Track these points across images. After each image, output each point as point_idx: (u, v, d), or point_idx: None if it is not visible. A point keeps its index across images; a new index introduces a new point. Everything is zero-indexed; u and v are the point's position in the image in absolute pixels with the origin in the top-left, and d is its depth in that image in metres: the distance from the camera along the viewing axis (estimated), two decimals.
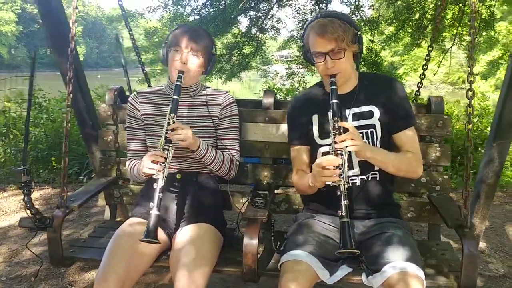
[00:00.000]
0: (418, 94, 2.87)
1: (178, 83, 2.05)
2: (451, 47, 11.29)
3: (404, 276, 1.68)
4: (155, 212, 1.88)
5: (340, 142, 1.78)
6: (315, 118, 2.09)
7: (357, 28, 1.95)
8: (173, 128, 1.96)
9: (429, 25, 11.05)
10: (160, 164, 1.94)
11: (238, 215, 2.29)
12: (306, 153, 2.14)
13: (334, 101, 1.88)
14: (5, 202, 4.64)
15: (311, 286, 1.81)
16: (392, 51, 21.42)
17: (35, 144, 5.77)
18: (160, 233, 2.01)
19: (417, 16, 11.10)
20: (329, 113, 1.95)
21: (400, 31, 10.72)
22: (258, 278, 1.97)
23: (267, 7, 11.02)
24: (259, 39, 11.36)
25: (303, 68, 12.15)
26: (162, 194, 1.93)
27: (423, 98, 3.33)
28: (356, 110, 2.03)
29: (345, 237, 1.75)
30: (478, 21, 10.51)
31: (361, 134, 1.96)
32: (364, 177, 2.03)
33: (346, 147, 1.79)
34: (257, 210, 2.02)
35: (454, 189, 4.39)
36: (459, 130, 5.87)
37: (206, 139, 2.19)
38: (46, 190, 5.00)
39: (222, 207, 2.35)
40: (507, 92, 2.65)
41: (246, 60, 11.13)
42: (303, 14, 11.49)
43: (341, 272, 1.88)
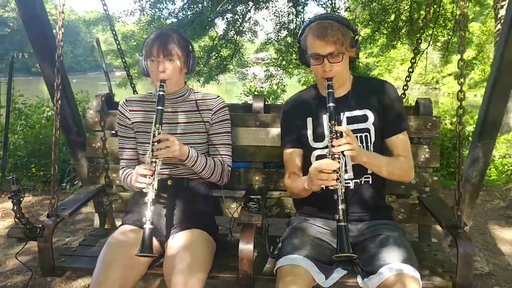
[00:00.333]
0: (404, 97, 2.89)
1: (161, 93, 2.03)
2: (427, 48, 11.48)
3: (401, 278, 1.69)
4: (149, 226, 1.86)
5: (338, 146, 1.78)
6: (309, 121, 2.08)
7: (355, 32, 1.96)
8: (159, 140, 1.94)
9: (405, 27, 11.24)
10: (149, 177, 1.91)
11: (231, 220, 2.26)
12: (299, 157, 2.13)
13: (331, 105, 1.88)
14: None
15: None
16: (367, 53, 21.66)
17: (14, 151, 5.63)
18: (153, 241, 1.98)
19: (393, 18, 11.27)
20: (324, 116, 1.96)
21: (376, 33, 10.84)
22: (254, 283, 1.96)
23: (244, 10, 11.02)
24: (237, 42, 11.35)
25: (281, 70, 12.20)
26: (154, 207, 1.90)
27: (408, 100, 3.36)
28: (350, 114, 2.04)
29: (343, 241, 1.75)
30: (453, 22, 10.75)
31: (352, 134, 1.97)
32: (358, 181, 2.03)
33: (344, 151, 1.79)
34: (251, 215, 2.01)
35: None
36: (439, 130, 5.95)
37: (198, 145, 2.17)
38: (27, 198, 4.88)
39: (214, 213, 2.32)
40: (491, 93, 2.69)
41: (224, 63, 11.12)
42: (280, 17, 11.55)
43: (336, 275, 1.87)
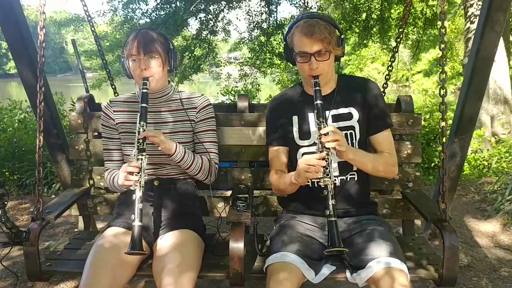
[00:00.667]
0: (384, 94, 2.95)
1: (145, 91, 2.03)
2: (398, 46, 11.68)
3: (389, 271, 1.73)
4: (138, 224, 1.85)
5: (326, 143, 1.81)
6: (295, 119, 2.10)
7: (341, 31, 1.99)
8: (145, 137, 1.94)
9: (376, 25, 11.42)
10: (136, 175, 1.91)
11: (219, 220, 2.27)
12: (285, 154, 2.15)
13: (319, 102, 1.90)
14: None
15: (299, 286, 1.82)
16: None
17: None
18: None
19: (364, 17, 11.44)
20: (310, 114, 2.00)
21: (348, 32, 10.99)
22: (244, 282, 1.96)
23: (217, 9, 11.02)
24: (210, 41, 11.34)
25: (255, 70, 12.25)
26: (142, 204, 1.89)
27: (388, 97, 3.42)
28: (336, 112, 2.07)
29: (333, 236, 1.78)
30: (422, 21, 10.98)
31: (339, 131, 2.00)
32: (344, 178, 2.07)
33: (333, 148, 1.81)
34: (240, 214, 2.02)
35: None
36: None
37: (185, 144, 2.16)
38: None
39: (202, 213, 2.32)
40: (467, 90, 2.77)
41: (198, 63, 11.10)
42: (253, 16, 11.59)
43: (326, 271, 1.90)
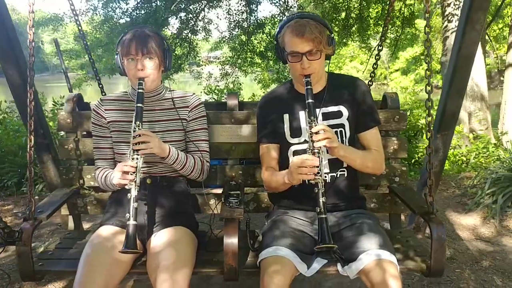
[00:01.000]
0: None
1: (140, 91, 2.04)
2: (377, 45, 11.85)
3: (380, 262, 1.78)
4: (132, 222, 1.87)
5: (318, 141, 1.86)
6: (286, 117, 2.14)
7: (331, 31, 2.03)
8: (139, 135, 1.96)
9: (355, 24, 11.56)
10: (131, 174, 1.93)
11: (211, 217, 2.30)
12: (276, 151, 2.19)
13: (310, 101, 1.95)
14: None
15: (292, 280, 1.86)
16: None
17: None
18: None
19: (343, 16, 11.56)
20: (301, 112, 2.05)
21: None
22: (238, 277, 2.00)
23: (198, 9, 11.02)
24: (191, 41, 11.34)
25: (237, 69, 12.29)
26: (137, 203, 1.91)
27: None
28: (326, 110, 2.11)
29: (324, 233, 1.83)
30: (400, 20, 11.15)
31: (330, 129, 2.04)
32: (334, 174, 2.12)
33: (324, 146, 1.86)
34: (233, 210, 2.05)
35: None
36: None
37: (176, 143, 2.19)
38: None
39: (194, 210, 2.34)
40: (449, 87, 2.84)
41: (179, 62, 11.08)
42: (234, 15, 11.63)
43: (317, 265, 1.95)
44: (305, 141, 2.06)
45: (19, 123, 6.02)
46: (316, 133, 1.88)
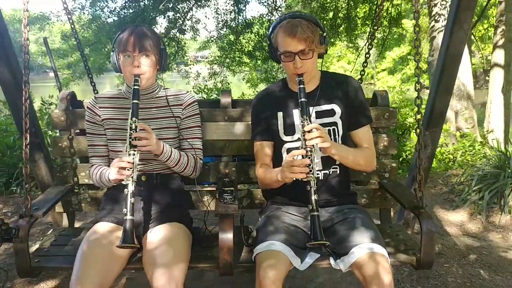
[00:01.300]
0: None
1: (136, 87, 2.06)
2: (365, 45, 11.95)
3: (372, 256, 1.83)
4: (129, 217, 1.89)
5: (310, 140, 1.90)
6: (280, 115, 2.18)
7: (323, 30, 2.07)
8: (135, 129, 1.98)
9: (343, 24, 11.65)
10: (128, 170, 1.94)
11: (205, 213, 2.32)
12: (270, 148, 2.23)
13: (303, 100, 1.98)
14: None
15: (286, 273, 1.89)
16: None
17: None
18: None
19: (331, 16, 11.64)
20: (295, 111, 2.10)
21: None
22: (233, 271, 2.03)
23: (186, 8, 11.02)
24: (179, 40, 11.32)
25: (225, 68, 12.30)
26: (134, 199, 1.93)
27: None
28: (319, 108, 2.15)
29: (316, 230, 1.86)
30: (388, 20, 11.25)
31: (323, 128, 2.08)
32: (327, 172, 2.16)
33: (317, 144, 1.91)
34: (228, 206, 2.07)
35: None
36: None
37: (169, 140, 2.21)
38: None
39: (188, 206, 2.37)
40: (438, 86, 2.89)
41: (167, 61, 11.04)
42: (222, 15, 11.64)
43: (310, 259, 1.99)
44: (299, 139, 2.10)
45: (7, 123, 5.99)
46: (309, 132, 1.92)
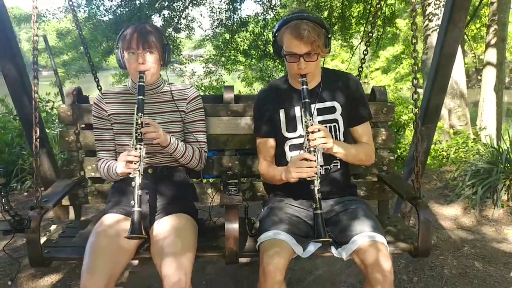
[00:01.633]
0: None
1: (141, 84, 2.12)
2: (360, 44, 12.07)
3: (373, 244, 1.91)
4: (137, 209, 1.95)
5: (314, 140, 1.97)
6: (282, 112, 2.25)
7: (328, 32, 2.12)
8: (141, 124, 2.04)
9: (337, 23, 11.74)
10: (135, 163, 2.01)
11: (210, 204, 2.39)
12: (272, 144, 2.30)
13: (307, 101, 2.06)
14: None
15: (289, 261, 1.96)
16: None
17: None
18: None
19: (326, 14, 11.73)
20: (297, 108, 2.19)
21: None
22: (238, 260, 2.10)
23: (181, 6, 11.05)
24: (174, 39, 11.35)
25: (220, 67, 12.35)
26: (141, 191, 2.00)
27: None
28: (320, 106, 2.22)
29: (319, 228, 1.94)
30: (382, 19, 11.36)
31: (326, 129, 2.15)
32: (328, 167, 2.24)
33: (320, 145, 1.98)
34: (233, 197, 2.14)
35: None
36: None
37: (175, 134, 2.27)
38: None
39: (193, 199, 2.44)
40: (433, 83, 2.97)
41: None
42: (218, 13, 11.68)
43: (312, 248, 2.06)
44: (301, 136, 2.18)
45: (5, 120, 6.02)
46: (312, 132, 1.99)
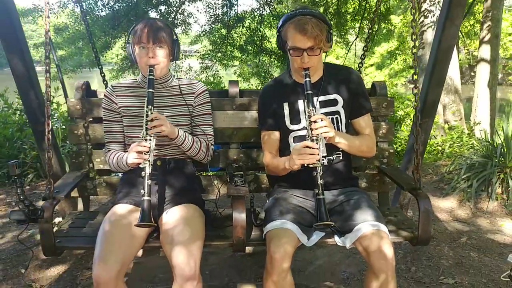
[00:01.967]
0: None
1: (151, 77, 2.19)
2: (356, 40, 12.15)
3: (377, 232, 1.99)
4: (147, 198, 2.01)
5: (316, 129, 2.05)
6: (286, 106, 2.33)
7: (330, 27, 2.21)
8: (152, 119, 2.10)
9: (333, 19, 11.79)
10: (145, 154, 2.08)
11: (217, 195, 2.47)
12: (277, 137, 2.38)
13: (310, 92, 2.13)
14: None
15: (295, 249, 2.04)
16: None
17: None
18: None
19: (322, 11, 11.78)
20: (300, 101, 2.27)
21: None
22: (245, 248, 2.18)
23: (178, 2, 11.06)
24: None
25: (217, 62, 12.37)
26: (150, 181, 2.06)
27: None
28: (323, 98, 2.30)
29: (321, 212, 2.01)
30: (378, 15, 11.43)
31: (328, 119, 2.23)
32: (331, 158, 2.31)
33: (322, 134, 2.06)
34: (239, 188, 2.22)
35: None
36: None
37: (183, 127, 2.34)
38: None
39: (200, 190, 2.51)
40: (430, 78, 3.05)
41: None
42: (214, 9, 11.69)
43: (316, 237, 2.15)
44: (304, 128, 2.25)
45: (6, 114, 6.06)
46: (315, 122, 2.07)
